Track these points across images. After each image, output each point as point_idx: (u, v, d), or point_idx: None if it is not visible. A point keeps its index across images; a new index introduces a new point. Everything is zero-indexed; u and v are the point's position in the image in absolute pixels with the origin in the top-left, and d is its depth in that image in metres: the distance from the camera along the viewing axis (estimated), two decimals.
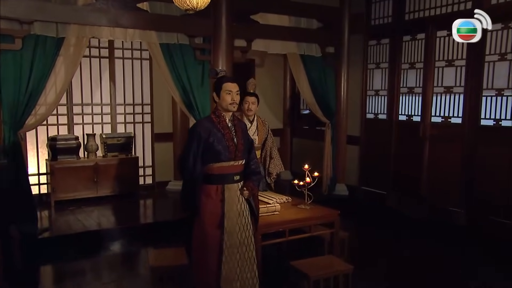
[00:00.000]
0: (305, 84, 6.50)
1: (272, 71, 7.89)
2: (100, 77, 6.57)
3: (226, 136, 2.91)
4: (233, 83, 2.95)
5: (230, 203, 2.93)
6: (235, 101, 2.92)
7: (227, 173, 2.92)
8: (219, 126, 2.91)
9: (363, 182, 6.81)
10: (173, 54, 5.39)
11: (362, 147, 6.81)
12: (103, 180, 6.19)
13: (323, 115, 6.59)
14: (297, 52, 6.32)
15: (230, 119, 2.98)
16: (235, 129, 2.98)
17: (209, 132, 2.86)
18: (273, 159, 4.34)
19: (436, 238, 5.08)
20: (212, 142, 2.86)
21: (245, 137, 3.05)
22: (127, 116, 6.83)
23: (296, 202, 3.98)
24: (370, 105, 6.70)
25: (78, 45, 4.80)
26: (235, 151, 2.93)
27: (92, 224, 5.07)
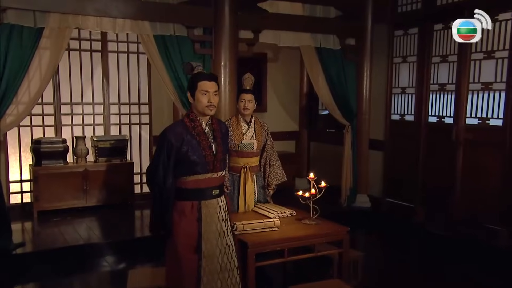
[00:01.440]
0: (322, 81, 6.41)
1: (287, 66, 7.83)
2: (92, 73, 6.57)
3: (202, 144, 2.79)
4: (211, 82, 2.81)
5: (208, 222, 2.81)
6: (212, 103, 2.78)
7: (204, 187, 2.81)
8: (193, 132, 2.78)
9: (387, 193, 6.69)
10: (169, 47, 5.35)
11: (386, 153, 6.70)
12: (93, 188, 6.17)
13: (342, 117, 6.50)
14: (312, 44, 6.24)
15: (208, 123, 2.86)
16: (214, 134, 2.86)
17: (181, 140, 2.73)
18: (273, 167, 4.24)
19: (473, 262, 4.83)
20: (185, 152, 2.74)
21: (225, 143, 2.93)
22: (122, 116, 6.82)
23: (302, 216, 3.86)
24: (395, 104, 6.58)
25: (60, 37, 4.76)
26: (213, 161, 2.81)
27: (77, 238, 5.04)
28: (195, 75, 2.85)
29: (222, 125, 3.02)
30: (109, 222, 5.75)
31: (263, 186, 4.24)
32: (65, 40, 4.83)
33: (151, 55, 5.36)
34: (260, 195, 4.22)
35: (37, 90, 4.74)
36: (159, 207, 2.77)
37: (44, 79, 4.76)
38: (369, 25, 6.39)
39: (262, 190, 4.23)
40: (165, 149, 2.72)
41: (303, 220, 3.76)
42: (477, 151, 5.55)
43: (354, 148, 6.54)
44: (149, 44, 5.30)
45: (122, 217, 5.99)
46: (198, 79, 2.81)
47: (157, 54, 5.33)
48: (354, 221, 5.91)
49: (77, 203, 6.08)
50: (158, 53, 5.32)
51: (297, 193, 3.74)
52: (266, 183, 4.23)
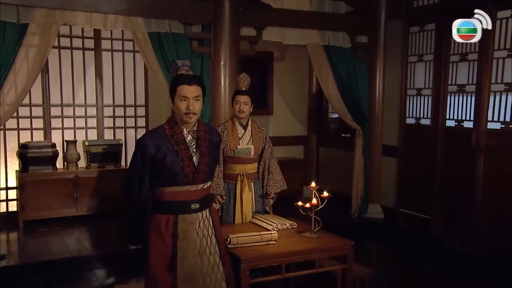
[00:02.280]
0: (330, 82, 6.37)
1: (295, 66, 7.83)
2: (84, 72, 6.58)
3: (181, 154, 2.70)
4: (191, 86, 2.68)
5: (185, 238, 2.71)
6: (191, 111, 2.67)
7: (182, 199, 2.73)
8: (171, 140, 2.70)
9: (402, 203, 6.61)
10: (165, 45, 5.33)
11: (400, 160, 6.63)
12: (84, 196, 6.17)
13: (352, 120, 6.47)
14: (320, 42, 6.21)
15: (192, 130, 2.77)
16: (198, 143, 2.77)
17: (157, 147, 2.67)
18: (272, 174, 4.17)
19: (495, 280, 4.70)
20: (160, 160, 2.67)
21: (211, 154, 2.83)
22: (117, 119, 6.81)
23: (303, 228, 3.80)
24: (410, 107, 6.51)
25: (46, 34, 4.75)
26: (193, 173, 2.73)
27: (64, 251, 5.03)
28: (175, 77, 2.77)
29: (213, 134, 2.91)
30: (101, 233, 5.73)
31: (261, 195, 4.17)
32: (52, 37, 4.82)
33: (145, 54, 5.34)
34: (259, 205, 4.16)
35: (21, 90, 4.73)
36: (134, 220, 2.73)
37: (30, 79, 4.76)
38: (382, 21, 6.35)
39: (260, 200, 4.17)
40: (139, 156, 2.68)
41: (304, 233, 3.69)
42: (499, 158, 5.43)
43: (366, 154, 6.50)
44: (143, 42, 5.28)
45: (115, 227, 5.93)
46: (178, 82, 2.70)
47: (151, 53, 5.31)
48: (365, 234, 5.98)
49: (66, 212, 6.07)
50: (153, 52, 5.30)
51: (297, 203, 3.67)
52: (265, 191, 4.17)
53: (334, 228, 3.85)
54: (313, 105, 7.93)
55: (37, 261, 4.70)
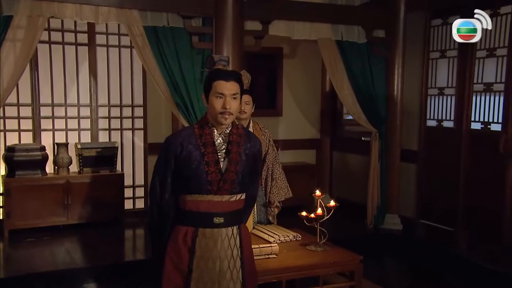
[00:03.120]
0: (344, 81, 6.36)
1: (306, 62, 7.81)
2: (77, 69, 6.60)
3: (208, 157, 2.61)
4: (229, 82, 2.61)
5: (204, 257, 2.61)
6: (227, 110, 2.59)
7: (204, 211, 2.62)
8: (198, 141, 2.62)
9: (422, 214, 6.56)
10: (162, 40, 5.32)
11: (420, 166, 6.59)
12: (76, 203, 6.17)
13: (368, 122, 6.45)
14: (332, 37, 6.19)
15: (223, 133, 2.68)
16: (229, 147, 2.67)
17: (182, 146, 2.61)
18: (276, 181, 4.17)
19: None
20: (185, 161, 2.60)
21: (246, 163, 2.70)
22: (112, 121, 6.83)
23: (308, 241, 3.81)
24: (432, 108, 6.47)
25: (32, 27, 4.76)
26: (218, 181, 2.61)
27: (52, 263, 5.02)
28: (211, 72, 2.70)
29: (252, 140, 2.78)
30: (93, 244, 5.72)
31: (264, 203, 4.17)
32: (39, 30, 4.83)
33: (140, 50, 5.34)
34: (261, 215, 4.16)
35: (5, 87, 4.75)
36: (154, 228, 2.71)
37: (14, 76, 4.77)
38: (402, 13, 6.31)
39: (263, 209, 4.17)
40: (164, 156, 2.67)
41: (309, 246, 3.70)
42: None
43: (383, 159, 6.48)
44: (138, 37, 5.28)
45: (110, 238, 5.97)
46: (214, 77, 2.63)
47: (147, 49, 5.31)
48: (381, 247, 5.96)
49: (56, 220, 6.07)
50: (149, 48, 5.31)
51: (301, 213, 3.66)
52: (268, 200, 4.16)
53: (346, 240, 3.84)
54: (326, 105, 7.91)
55: (22, 274, 4.68)
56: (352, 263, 3.50)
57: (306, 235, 3.91)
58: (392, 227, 6.40)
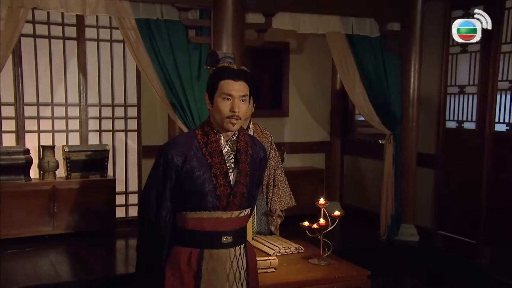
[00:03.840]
0: (355, 79, 6.34)
1: (315, 58, 7.81)
2: (65, 66, 6.62)
3: (215, 169, 2.49)
4: (238, 81, 2.49)
5: (211, 281, 2.51)
6: (236, 114, 2.46)
7: (210, 230, 2.50)
8: (204, 150, 2.50)
9: (440, 224, 6.56)
10: (155, 34, 5.32)
11: (439, 171, 6.60)
12: (63, 211, 6.19)
13: (381, 124, 6.44)
14: (342, 31, 6.17)
15: (230, 140, 2.57)
16: (238, 156, 2.56)
17: (185, 157, 2.47)
18: (278, 188, 4.16)
19: None
20: (187, 175, 2.47)
21: (254, 173, 2.62)
22: (103, 121, 6.85)
23: (311, 253, 3.80)
24: (451, 108, 6.48)
25: (13, 20, 4.76)
26: (228, 195, 2.50)
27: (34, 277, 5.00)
28: (216, 71, 2.58)
29: (257, 147, 2.68)
30: (81, 255, 5.72)
31: (265, 212, 4.16)
32: (20, 23, 4.83)
33: (132, 44, 5.35)
34: (262, 224, 4.14)
35: None
36: (148, 250, 2.56)
37: None
38: (419, 4, 6.29)
39: (264, 218, 4.15)
40: (161, 168, 2.49)
41: (311, 259, 3.68)
42: None
43: (397, 164, 6.46)
44: (130, 30, 5.28)
45: (100, 249, 5.97)
46: (220, 76, 2.51)
47: (139, 44, 5.31)
48: (396, 260, 5.95)
49: (41, 230, 6.08)
50: (142, 43, 5.31)
51: (303, 223, 3.65)
52: (269, 208, 4.15)
53: (356, 252, 3.84)
54: (337, 105, 7.91)
55: None
56: (358, 279, 3.47)
57: (310, 247, 3.86)
58: (408, 238, 6.37)
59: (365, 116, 6.56)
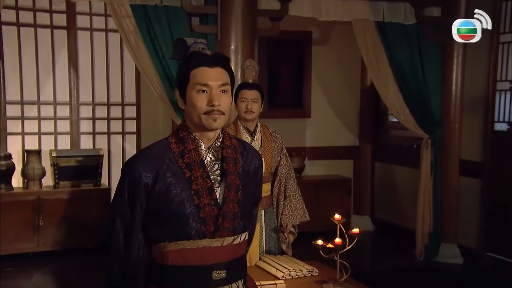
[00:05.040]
0: (386, 73, 6.32)
1: (342, 50, 7.80)
2: (53, 59, 6.69)
3: (197, 184, 2.29)
4: (214, 68, 2.29)
5: None
6: (216, 108, 2.26)
7: (197, 264, 2.28)
8: (180, 161, 2.29)
9: (489, 244, 6.48)
10: (154, 23, 5.35)
11: (486, 182, 6.53)
12: (50, 225, 6.23)
13: (417, 126, 6.41)
14: (370, 18, 6.15)
15: (214, 146, 2.37)
16: (225, 166, 2.36)
17: (156, 173, 2.26)
18: (289, 199, 4.19)
19: None
20: (162, 195, 2.26)
21: (247, 186, 2.42)
22: (98, 122, 6.92)
23: (326, 276, 3.74)
24: (501, 107, 6.41)
25: None
26: (216, 217, 2.29)
27: None
28: (187, 58, 2.38)
29: (250, 155, 2.49)
30: (71, 276, 5.76)
31: (275, 228, 4.18)
32: None
33: (127, 35, 5.39)
34: (271, 242, 4.17)
35: None
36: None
37: None
38: None
39: (274, 234, 4.18)
40: (127, 190, 2.28)
41: (326, 283, 3.63)
42: None
43: (437, 173, 6.43)
44: (124, 19, 5.32)
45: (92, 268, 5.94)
46: (191, 64, 2.31)
47: (136, 34, 5.35)
48: (435, 286, 5.86)
49: (24, 247, 6.12)
50: (138, 33, 5.34)
51: (316, 242, 3.62)
52: (279, 223, 4.18)
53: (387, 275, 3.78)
54: (367, 104, 7.90)
55: None
56: None
57: (325, 269, 3.83)
58: (449, 260, 6.32)
59: (398, 117, 6.53)
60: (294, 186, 4.24)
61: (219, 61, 2.32)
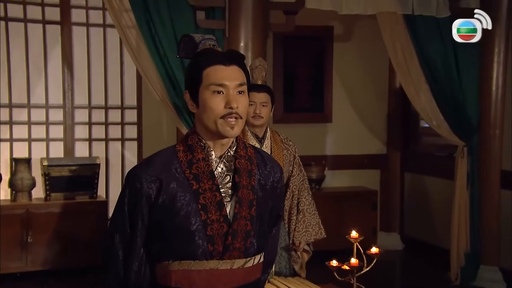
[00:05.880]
0: (416, 73, 6.29)
1: (367, 47, 7.80)
2: (46, 57, 6.72)
3: (205, 198, 2.28)
4: (230, 67, 2.28)
5: None
6: (234, 111, 2.26)
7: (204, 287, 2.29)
8: (187, 172, 2.29)
9: None
10: (154, 17, 5.35)
11: None
12: (40, 243, 6.24)
13: (451, 132, 6.38)
14: (398, 11, 6.08)
15: (226, 155, 2.37)
16: (237, 178, 2.34)
17: (160, 184, 2.27)
18: (303, 214, 4.22)
19: None
20: (166, 208, 2.27)
21: (264, 201, 2.41)
22: (95, 128, 6.94)
23: None
24: None
25: None
26: (225, 235, 2.28)
27: None
28: (198, 56, 2.36)
29: (269, 164, 2.50)
30: None
31: (286, 246, 4.19)
32: None
33: (124, 31, 5.40)
34: (282, 262, 4.17)
35: None
36: None
37: None
38: None
39: (285, 253, 4.20)
40: (127, 202, 2.28)
41: None
42: None
43: (474, 185, 6.42)
44: (121, 13, 5.33)
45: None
46: (204, 62, 2.30)
47: (134, 30, 5.37)
48: None
49: (11, 266, 6.13)
50: (137, 28, 5.36)
51: (330, 263, 3.61)
52: (292, 240, 4.20)
53: None
54: (395, 107, 7.90)
55: None
56: None
57: None
58: (489, 285, 6.26)
59: (429, 122, 6.52)
60: (309, 199, 4.26)
61: (235, 59, 2.30)
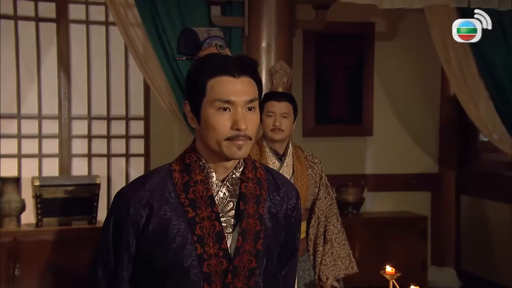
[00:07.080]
0: (472, 78, 6.28)
1: (415, 48, 7.84)
2: (39, 60, 6.77)
3: (202, 228, 2.28)
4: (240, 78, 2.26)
5: None
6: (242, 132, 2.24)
7: None
8: (183, 196, 2.29)
9: None
10: (162, 14, 5.42)
11: None
12: (30, 275, 6.25)
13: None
14: (451, 4, 6.10)
15: (230, 178, 2.36)
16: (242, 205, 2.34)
17: (149, 209, 2.27)
18: (331, 244, 4.26)
19: None
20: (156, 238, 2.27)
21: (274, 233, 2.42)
22: (95, 142, 6.99)
23: None
24: None
25: None
26: (224, 273, 2.29)
27: None
28: (200, 62, 2.32)
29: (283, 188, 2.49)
30: None
31: (311, 283, 4.26)
32: None
33: (126, 29, 5.47)
34: None
35: None
36: None
37: None
38: None
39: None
40: (111, 232, 2.32)
41: None
42: None
43: None
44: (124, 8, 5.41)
45: None
46: (208, 71, 2.27)
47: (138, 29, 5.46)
48: None
49: None
50: (142, 26, 5.43)
51: None
52: (317, 276, 4.23)
53: None
54: (450, 118, 7.89)
55: None
56: None
57: None
58: None
59: (488, 136, 6.50)
60: (338, 227, 4.29)
61: (246, 68, 2.28)
